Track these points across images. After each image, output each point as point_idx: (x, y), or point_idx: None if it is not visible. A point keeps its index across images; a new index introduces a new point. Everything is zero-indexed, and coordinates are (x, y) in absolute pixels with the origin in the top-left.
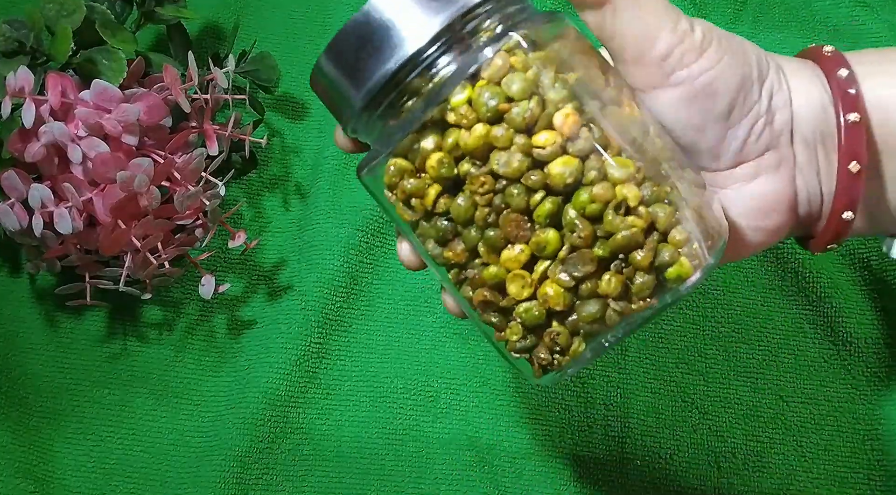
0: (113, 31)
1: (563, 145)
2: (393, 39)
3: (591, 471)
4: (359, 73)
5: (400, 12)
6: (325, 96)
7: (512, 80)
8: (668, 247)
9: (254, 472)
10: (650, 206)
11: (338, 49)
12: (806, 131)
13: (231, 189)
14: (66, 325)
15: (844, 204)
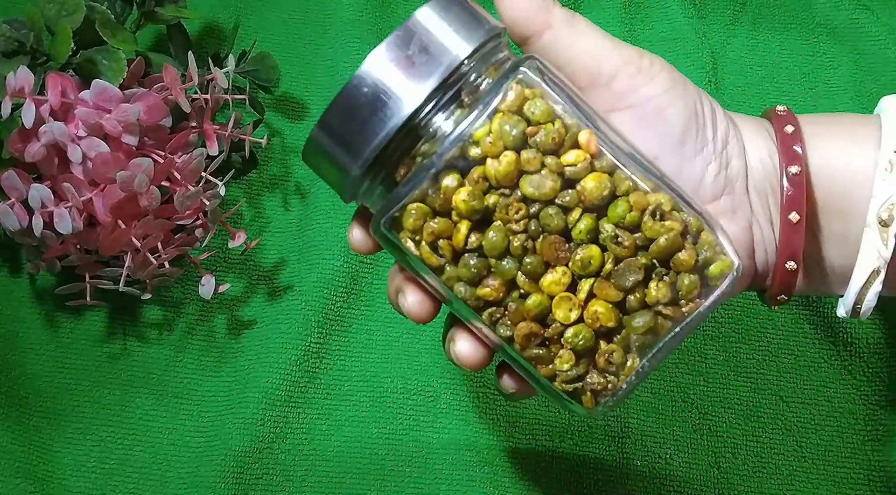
0: (113, 31)
1: (591, 162)
2: (388, 103)
3: (591, 471)
4: (355, 139)
5: (390, 77)
6: (319, 167)
7: (534, 105)
8: (705, 246)
9: (254, 472)
10: (679, 212)
11: (331, 119)
12: (758, 182)
13: (231, 189)
14: (66, 325)
15: (787, 254)
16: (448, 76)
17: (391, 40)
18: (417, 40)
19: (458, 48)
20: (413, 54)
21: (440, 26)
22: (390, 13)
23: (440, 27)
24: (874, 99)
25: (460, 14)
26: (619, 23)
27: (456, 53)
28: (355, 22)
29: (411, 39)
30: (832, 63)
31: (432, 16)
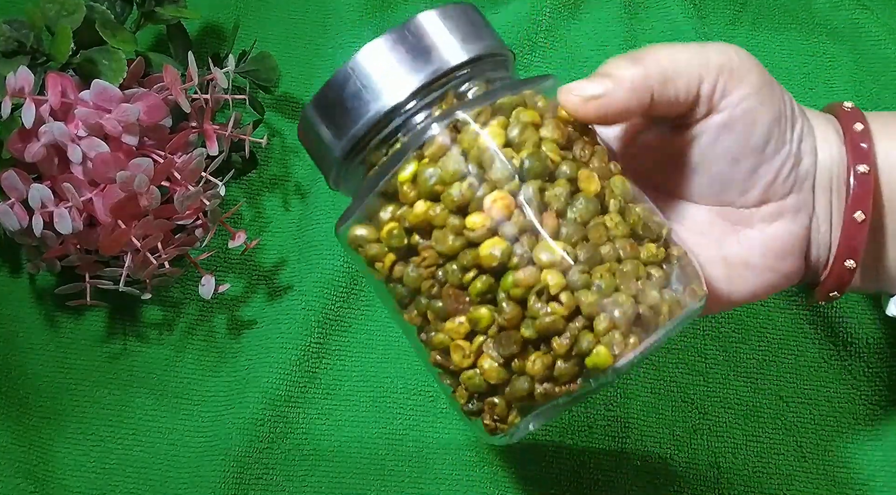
0: (113, 31)
1: (493, 228)
2: (372, 95)
3: (591, 471)
4: (339, 125)
5: (380, 69)
6: (310, 147)
7: (447, 161)
8: (588, 336)
9: (254, 472)
10: (578, 291)
11: (321, 101)
12: (824, 179)
13: (231, 189)
14: (66, 325)
15: (847, 252)
16: (431, 81)
17: (389, 36)
18: (413, 40)
19: (448, 56)
20: (406, 53)
21: (439, 32)
22: (390, 13)
23: (439, 33)
24: (874, 99)
25: (464, 25)
26: (619, 23)
27: (445, 61)
28: (355, 22)
29: (407, 38)
30: (832, 63)
31: (436, 21)
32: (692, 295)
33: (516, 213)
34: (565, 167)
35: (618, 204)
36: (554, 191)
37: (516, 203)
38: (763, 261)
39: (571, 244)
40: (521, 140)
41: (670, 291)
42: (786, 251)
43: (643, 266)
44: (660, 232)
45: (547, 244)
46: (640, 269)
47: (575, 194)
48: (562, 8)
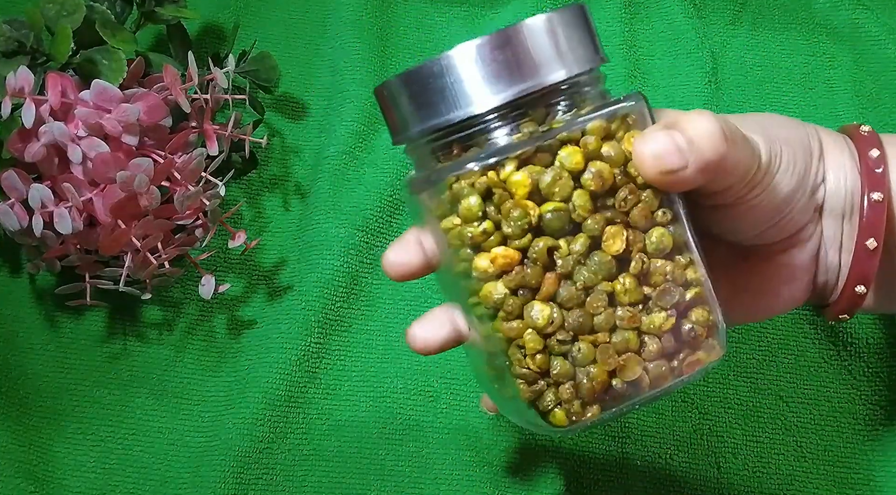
0: (113, 31)
1: (495, 274)
2: (459, 97)
3: (591, 471)
4: (422, 109)
5: (472, 73)
6: (385, 108)
7: (469, 199)
8: (550, 395)
9: (254, 472)
10: (553, 356)
11: (411, 79)
12: (835, 205)
13: (231, 189)
14: (66, 325)
15: (858, 278)
16: (524, 96)
17: (493, 37)
18: (514, 48)
19: (546, 73)
20: (505, 60)
21: (542, 43)
22: (390, 13)
23: (542, 44)
24: (874, 99)
25: (569, 36)
26: (619, 23)
27: (542, 78)
28: (355, 22)
29: (509, 44)
30: (832, 63)
31: (541, 29)
32: (692, 364)
33: (517, 270)
34: (591, 222)
35: (640, 265)
36: (569, 248)
37: (521, 259)
38: (766, 287)
39: (566, 308)
40: (549, 192)
41: (663, 362)
42: (791, 277)
43: (638, 336)
44: (682, 297)
45: (537, 305)
46: (633, 342)
47: (593, 252)
48: None
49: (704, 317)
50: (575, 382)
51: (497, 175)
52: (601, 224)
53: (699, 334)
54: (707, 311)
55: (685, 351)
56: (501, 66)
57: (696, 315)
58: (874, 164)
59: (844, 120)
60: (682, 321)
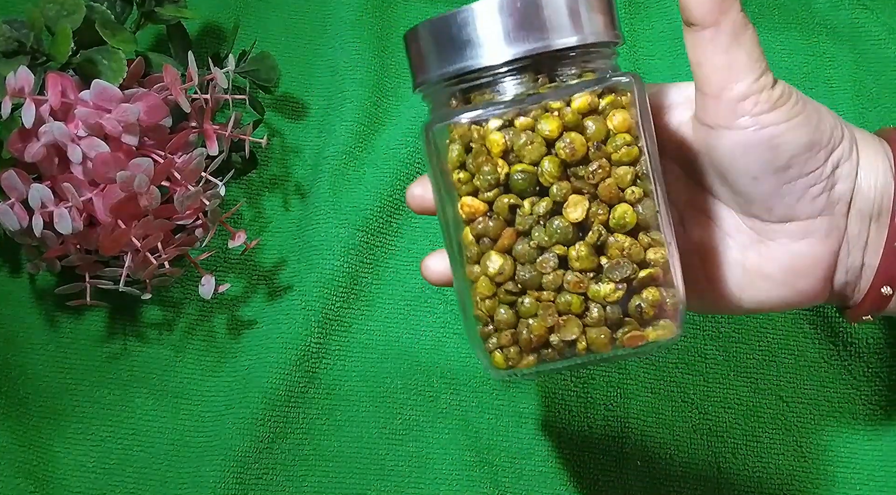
0: (113, 31)
1: (464, 221)
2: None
3: (591, 471)
4: (442, 55)
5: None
6: (410, 53)
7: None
8: (493, 339)
9: (254, 472)
10: (499, 305)
11: (435, 27)
12: (864, 205)
13: (231, 189)
14: (66, 325)
15: (885, 279)
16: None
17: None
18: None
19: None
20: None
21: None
22: (390, 13)
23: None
24: (874, 99)
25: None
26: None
27: (552, 41)
28: (355, 22)
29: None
30: (832, 63)
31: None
32: (633, 339)
33: (481, 220)
34: (556, 188)
35: (596, 236)
36: (531, 209)
37: (486, 211)
38: (781, 276)
39: (519, 262)
40: (520, 153)
41: (604, 330)
42: (806, 271)
43: (584, 302)
44: (634, 273)
45: (493, 255)
46: (575, 305)
47: (553, 216)
48: None
49: (655, 297)
50: (516, 331)
51: (480, 130)
52: (566, 191)
53: (646, 312)
54: (659, 292)
55: (630, 325)
56: (516, 23)
57: (648, 294)
58: None
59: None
60: (634, 297)
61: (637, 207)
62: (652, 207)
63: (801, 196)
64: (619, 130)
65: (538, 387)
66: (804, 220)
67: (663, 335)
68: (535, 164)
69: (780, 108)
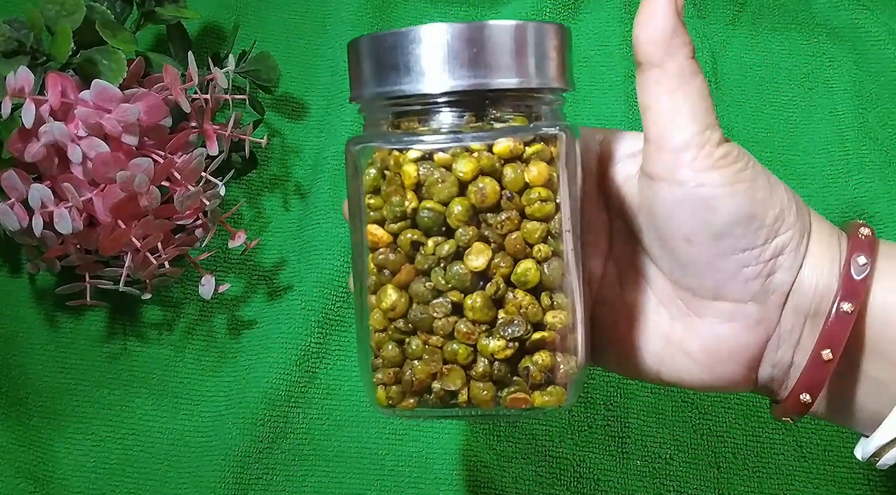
0: (113, 31)
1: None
2: (417, 73)
3: (591, 471)
4: (381, 73)
5: (440, 53)
6: (351, 63)
7: (369, 173)
8: (378, 374)
9: (254, 472)
10: (391, 339)
11: (380, 42)
12: (803, 301)
13: (231, 189)
14: (66, 325)
15: (805, 386)
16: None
17: (466, 26)
18: (481, 42)
19: (501, 75)
20: (467, 50)
21: (510, 47)
22: (390, 13)
23: (509, 47)
24: (874, 99)
25: (540, 50)
26: (619, 23)
27: (496, 80)
28: (355, 22)
29: (478, 37)
30: (832, 63)
31: (514, 33)
32: (516, 401)
33: (383, 250)
34: (461, 232)
35: (494, 288)
36: (434, 248)
37: (391, 243)
38: (701, 357)
39: (413, 302)
40: (430, 191)
41: (488, 387)
42: (728, 356)
43: (473, 353)
44: (526, 334)
45: (389, 289)
46: (462, 356)
47: (455, 260)
48: (562, 8)
49: (546, 361)
50: (400, 370)
51: (398, 158)
52: (471, 236)
53: (533, 375)
54: (552, 357)
55: (518, 386)
56: (457, 55)
57: (540, 357)
58: (857, 271)
59: (844, 120)
60: (525, 358)
61: (543, 266)
62: (559, 269)
63: (735, 274)
64: (536, 183)
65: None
66: (734, 303)
67: (550, 402)
68: (445, 204)
69: (722, 169)
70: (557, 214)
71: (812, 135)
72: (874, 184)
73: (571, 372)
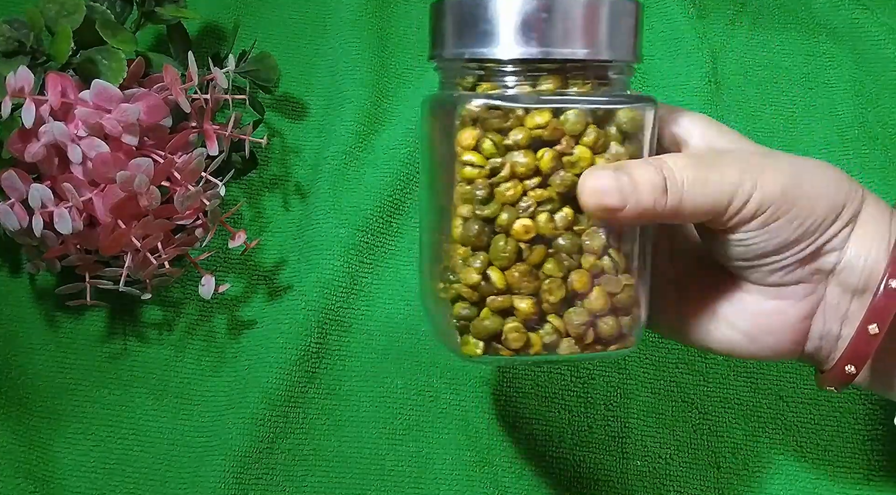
0: (113, 31)
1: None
2: (494, 36)
3: (591, 471)
4: (460, 34)
5: (517, 17)
6: (434, 23)
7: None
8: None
9: (254, 472)
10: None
11: (464, 4)
12: (848, 278)
13: (231, 189)
14: (66, 325)
15: (851, 358)
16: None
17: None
18: (557, 13)
19: (574, 46)
20: (543, 19)
21: (591, 18)
22: (390, 13)
23: (590, 18)
24: (874, 99)
25: (617, 21)
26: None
27: (567, 50)
28: (355, 22)
29: (556, 7)
30: (832, 63)
31: (590, 6)
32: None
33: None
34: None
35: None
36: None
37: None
38: (747, 329)
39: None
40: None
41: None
42: (772, 329)
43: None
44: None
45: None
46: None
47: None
48: None
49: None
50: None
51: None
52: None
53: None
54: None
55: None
56: (539, 23)
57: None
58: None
59: (844, 120)
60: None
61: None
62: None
63: (787, 265)
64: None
65: (538, 388)
66: (778, 285)
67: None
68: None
69: (758, 219)
70: None
71: (812, 135)
72: (874, 184)
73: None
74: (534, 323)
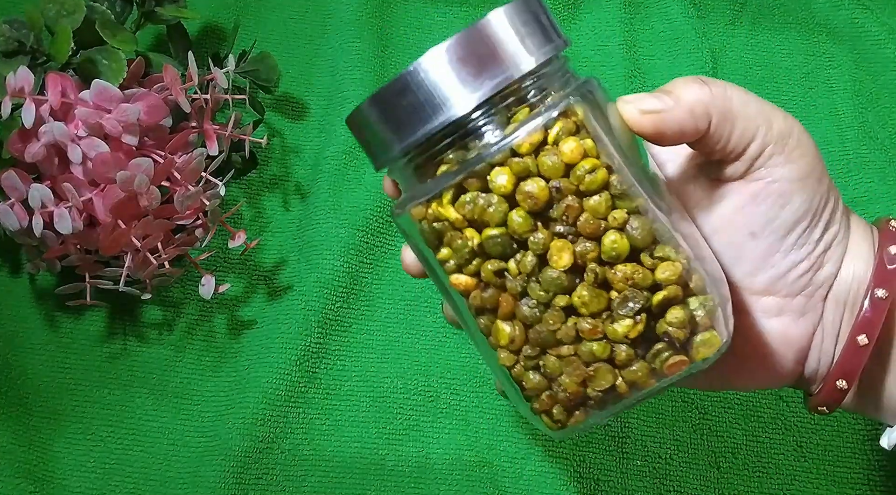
0: (113, 31)
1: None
2: (438, 101)
3: (591, 471)
4: (400, 128)
5: (446, 75)
6: (360, 136)
7: (424, 228)
8: (536, 402)
9: (254, 472)
10: (527, 368)
11: (383, 98)
12: (842, 292)
13: (231, 189)
14: (66, 325)
15: (841, 372)
16: (502, 89)
17: (458, 39)
18: (482, 45)
19: (519, 62)
20: (474, 58)
21: (508, 35)
22: (390, 13)
23: (507, 36)
24: (873, 99)
25: (530, 23)
26: (619, 23)
27: (516, 68)
28: (355, 22)
29: (477, 42)
30: (832, 63)
31: (503, 21)
32: (674, 366)
33: (474, 294)
34: (533, 240)
35: (592, 276)
36: (518, 268)
37: (477, 283)
38: (748, 352)
39: (527, 325)
40: (483, 219)
41: (640, 367)
42: (776, 351)
43: (606, 345)
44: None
45: (499, 324)
46: (600, 351)
47: (542, 268)
48: (562, 8)
49: (681, 316)
50: (551, 392)
51: (438, 206)
52: (545, 240)
53: (675, 336)
54: (684, 309)
55: (666, 351)
56: (458, 74)
57: (672, 315)
58: (889, 260)
59: (844, 120)
60: (659, 323)
61: (627, 231)
62: (645, 224)
63: (788, 270)
64: (575, 160)
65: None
66: (783, 298)
67: (707, 350)
68: (504, 224)
69: (797, 163)
70: (613, 175)
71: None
72: (874, 184)
73: (711, 308)
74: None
